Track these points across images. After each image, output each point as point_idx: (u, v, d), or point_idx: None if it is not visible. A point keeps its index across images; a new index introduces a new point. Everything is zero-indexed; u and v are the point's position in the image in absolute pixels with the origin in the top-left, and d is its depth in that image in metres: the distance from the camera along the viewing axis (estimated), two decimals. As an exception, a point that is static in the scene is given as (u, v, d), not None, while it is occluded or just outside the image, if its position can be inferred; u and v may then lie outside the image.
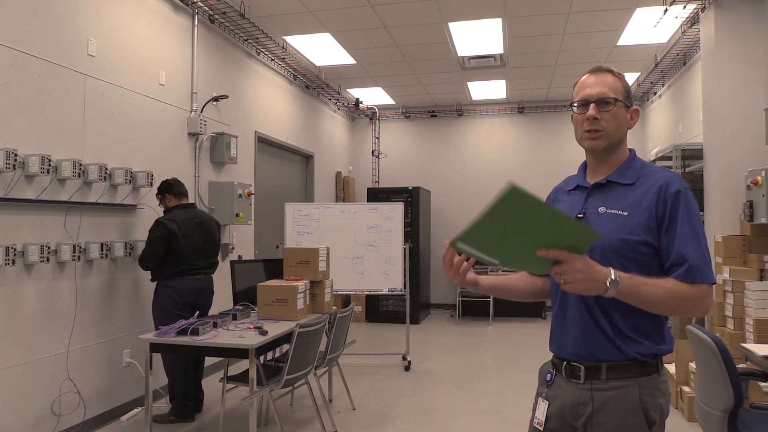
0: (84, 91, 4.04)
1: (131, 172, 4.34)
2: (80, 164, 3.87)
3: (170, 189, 4.36)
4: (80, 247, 3.94)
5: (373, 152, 10.19)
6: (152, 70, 4.80)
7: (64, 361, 3.83)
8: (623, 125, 1.67)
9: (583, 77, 1.71)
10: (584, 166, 1.79)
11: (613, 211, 1.61)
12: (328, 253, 4.55)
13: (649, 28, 6.16)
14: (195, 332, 3.46)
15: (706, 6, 5.15)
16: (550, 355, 1.76)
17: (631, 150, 1.72)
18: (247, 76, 6.46)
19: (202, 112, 5.41)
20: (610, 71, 1.68)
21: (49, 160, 3.61)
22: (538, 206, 1.30)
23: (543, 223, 1.35)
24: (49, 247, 3.65)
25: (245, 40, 6.24)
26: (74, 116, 3.95)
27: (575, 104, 1.69)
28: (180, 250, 4.16)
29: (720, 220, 4.92)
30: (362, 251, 5.96)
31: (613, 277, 1.42)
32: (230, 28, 5.89)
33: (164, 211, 4.35)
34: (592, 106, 1.63)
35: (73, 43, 3.96)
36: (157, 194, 4.40)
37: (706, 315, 4.56)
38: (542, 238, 1.38)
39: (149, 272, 4.26)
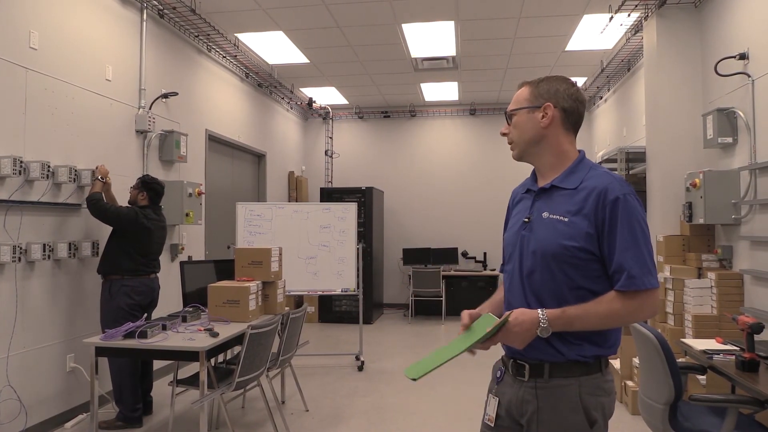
0: (25, 85, 3.88)
1: (75, 171, 4.20)
2: (21, 161, 3.72)
3: (151, 190, 4.41)
4: (21, 248, 3.78)
5: (326, 152, 10.14)
6: (98, 64, 4.65)
7: (4, 367, 3.67)
8: (527, 130, 1.72)
9: None
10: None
11: (554, 216, 1.63)
12: (280, 254, 4.52)
13: (595, 35, 6.35)
14: (143, 335, 3.38)
15: (649, 15, 5.35)
16: (502, 353, 1.79)
17: (580, 151, 1.73)
18: (198, 73, 6.33)
19: (150, 109, 5.27)
20: (528, 83, 1.76)
21: (-13, 157, 3.47)
22: (437, 360, 1.53)
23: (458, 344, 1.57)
24: (-14, 248, 3.50)
25: (196, 36, 6.12)
26: (14, 111, 3.79)
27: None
28: (151, 248, 4.33)
29: (661, 220, 5.12)
30: (315, 251, 5.93)
31: (543, 324, 1.53)
32: (180, 24, 5.76)
33: (130, 203, 4.41)
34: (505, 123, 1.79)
35: (14, 34, 3.79)
36: (138, 187, 4.39)
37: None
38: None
39: (99, 266, 4.25)
